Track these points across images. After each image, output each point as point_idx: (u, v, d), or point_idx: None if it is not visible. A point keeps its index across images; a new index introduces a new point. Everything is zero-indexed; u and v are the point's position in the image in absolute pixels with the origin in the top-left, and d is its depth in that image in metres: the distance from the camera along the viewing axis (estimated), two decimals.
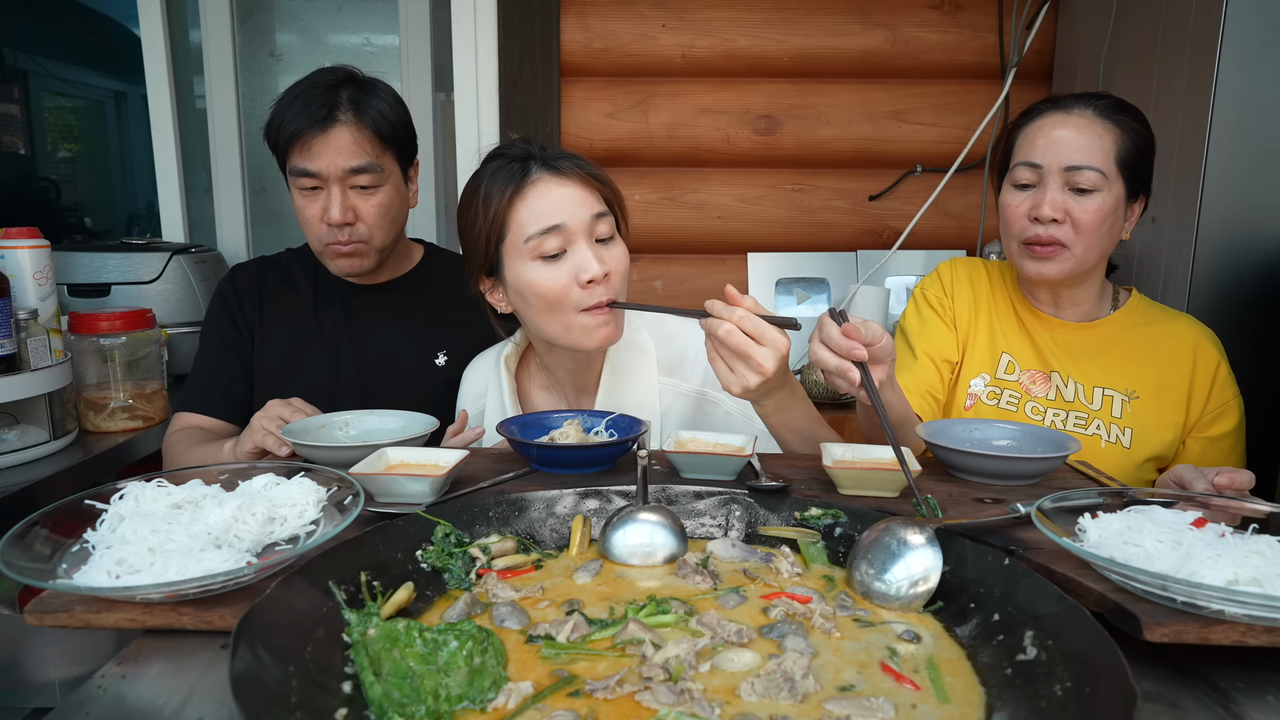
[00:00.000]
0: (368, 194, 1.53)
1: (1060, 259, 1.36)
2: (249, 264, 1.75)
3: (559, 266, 1.22)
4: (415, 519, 0.83)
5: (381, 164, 1.53)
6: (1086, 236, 1.34)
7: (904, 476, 1.01)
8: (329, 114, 1.47)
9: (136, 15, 2.54)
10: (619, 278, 1.26)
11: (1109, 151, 1.32)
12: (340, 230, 1.52)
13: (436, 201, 2.88)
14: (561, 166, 1.24)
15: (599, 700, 0.61)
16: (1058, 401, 1.43)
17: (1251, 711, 0.62)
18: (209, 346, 1.67)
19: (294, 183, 1.52)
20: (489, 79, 2.40)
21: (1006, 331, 1.49)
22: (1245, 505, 0.83)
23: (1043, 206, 1.34)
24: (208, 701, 0.62)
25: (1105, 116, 1.34)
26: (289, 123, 1.48)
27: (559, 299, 1.23)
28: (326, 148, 1.48)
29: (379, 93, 1.55)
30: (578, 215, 1.22)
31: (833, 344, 1.05)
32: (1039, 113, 1.39)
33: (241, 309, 1.65)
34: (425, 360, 1.65)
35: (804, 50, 2.43)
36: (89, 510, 0.81)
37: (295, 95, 1.49)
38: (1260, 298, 1.70)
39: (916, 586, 0.76)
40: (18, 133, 4.04)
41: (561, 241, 1.22)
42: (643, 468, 0.92)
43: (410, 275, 1.72)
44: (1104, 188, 1.32)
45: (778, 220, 2.52)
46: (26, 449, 1.60)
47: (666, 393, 1.38)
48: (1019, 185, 1.38)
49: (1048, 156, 1.34)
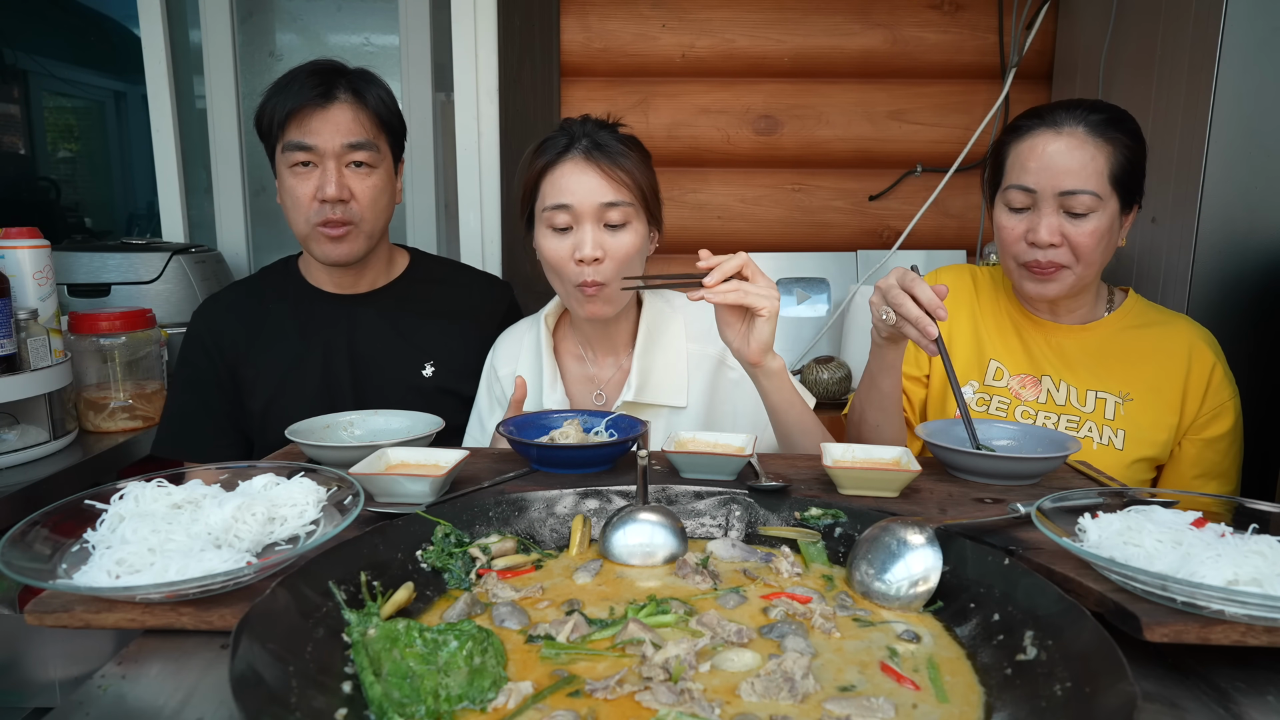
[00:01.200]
0: (363, 173, 1.51)
1: (1061, 279, 1.36)
2: (220, 296, 1.70)
3: (564, 240, 1.36)
4: (415, 519, 0.83)
5: (378, 145, 1.52)
6: (1085, 257, 1.34)
7: (904, 477, 1.02)
8: (328, 91, 1.47)
9: (136, 15, 2.54)
10: (615, 263, 1.35)
11: (1102, 172, 1.31)
12: (334, 208, 1.49)
13: (436, 201, 2.88)
14: (593, 155, 1.34)
15: (599, 700, 0.61)
16: (1049, 405, 1.43)
17: (1251, 711, 0.62)
18: (185, 387, 1.61)
19: (286, 159, 1.49)
20: (489, 79, 2.40)
21: (994, 338, 1.49)
22: (1245, 505, 0.83)
23: (1039, 231, 1.33)
24: (208, 701, 0.62)
25: (1097, 134, 1.31)
26: (285, 101, 1.46)
27: (558, 267, 1.37)
28: (325, 123, 1.46)
29: (375, 81, 1.55)
30: (588, 200, 1.33)
31: (921, 297, 1.13)
32: (1028, 130, 1.36)
33: (220, 346, 1.59)
34: (413, 371, 1.62)
35: (804, 50, 2.43)
36: (89, 510, 0.81)
37: (290, 79, 1.48)
38: (1260, 298, 1.70)
39: (916, 586, 0.76)
40: (18, 133, 4.04)
41: (570, 219, 1.35)
42: (643, 468, 0.92)
43: (395, 284, 1.68)
44: (1099, 209, 1.31)
45: (778, 220, 2.52)
46: (26, 449, 1.60)
47: (694, 356, 1.47)
48: (1014, 208, 1.37)
49: (1041, 180, 1.32)
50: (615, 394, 1.48)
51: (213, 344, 1.59)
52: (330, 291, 1.64)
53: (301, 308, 1.63)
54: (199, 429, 1.59)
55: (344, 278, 1.63)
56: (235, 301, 1.65)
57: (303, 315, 1.62)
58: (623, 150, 1.36)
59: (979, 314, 1.51)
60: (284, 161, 1.50)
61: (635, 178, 1.36)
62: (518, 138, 2.40)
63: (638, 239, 1.38)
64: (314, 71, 1.49)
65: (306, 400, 1.54)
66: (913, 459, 1.07)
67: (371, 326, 1.63)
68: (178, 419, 1.61)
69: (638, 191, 1.36)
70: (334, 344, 1.60)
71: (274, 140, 1.51)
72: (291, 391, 1.56)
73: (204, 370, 1.59)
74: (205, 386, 1.59)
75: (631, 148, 1.38)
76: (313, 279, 1.65)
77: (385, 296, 1.66)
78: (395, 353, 1.62)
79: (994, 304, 1.52)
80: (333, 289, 1.64)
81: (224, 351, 1.59)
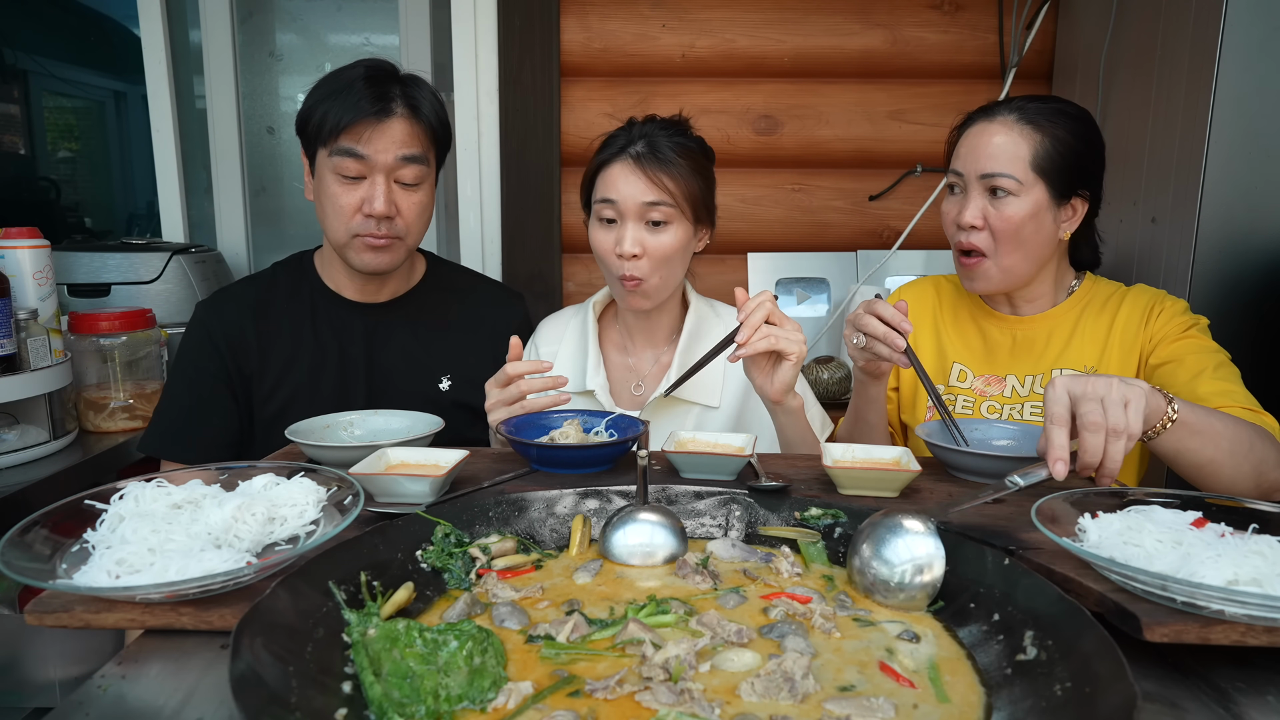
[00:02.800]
0: (410, 190, 1.48)
1: (984, 270, 1.39)
2: (230, 290, 1.62)
3: (609, 232, 1.43)
4: (415, 519, 0.83)
5: (429, 159, 1.50)
6: (1005, 242, 1.36)
7: (904, 477, 1.02)
8: (385, 105, 1.43)
9: (136, 15, 2.53)
10: (654, 260, 1.41)
11: (1024, 157, 1.33)
12: (379, 223, 1.45)
13: (436, 202, 2.88)
14: (642, 161, 1.40)
15: (599, 700, 0.61)
16: (1013, 398, 1.45)
17: (1251, 711, 0.62)
18: (182, 383, 1.54)
19: (334, 165, 1.43)
20: (489, 79, 2.40)
21: (956, 343, 1.53)
22: (1245, 505, 0.83)
23: (964, 213, 1.38)
24: (208, 701, 0.62)
25: (1026, 121, 1.34)
26: (337, 112, 1.41)
27: (603, 258, 1.45)
28: (381, 135, 1.42)
29: (426, 90, 1.51)
30: (632, 198, 1.39)
31: (885, 315, 1.22)
32: (971, 120, 1.42)
33: (227, 342, 1.52)
34: (429, 384, 1.59)
35: (804, 50, 2.43)
36: (89, 510, 0.81)
37: (343, 85, 1.43)
38: (1260, 298, 1.70)
39: (921, 575, 0.76)
40: (18, 133, 4.04)
41: (614, 213, 1.41)
42: (643, 468, 0.92)
43: (415, 292, 1.64)
44: (1020, 193, 1.34)
45: (778, 220, 2.52)
46: (26, 449, 1.60)
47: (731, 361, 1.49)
48: (952, 193, 1.43)
49: (967, 164, 1.38)
50: (653, 387, 1.52)
51: (221, 338, 1.52)
52: (350, 298, 1.59)
53: (319, 312, 1.57)
54: (192, 429, 1.51)
55: (368, 284, 1.58)
56: (247, 298, 1.57)
57: (319, 321, 1.57)
58: (673, 158, 1.40)
59: (941, 322, 1.56)
60: (329, 165, 1.44)
61: (680, 184, 1.40)
62: (518, 138, 2.40)
63: (679, 239, 1.42)
64: (370, 79, 1.44)
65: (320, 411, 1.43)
66: (913, 459, 1.07)
67: (390, 338, 1.59)
68: (170, 416, 1.53)
69: (682, 196, 1.40)
70: (351, 354, 1.56)
71: (320, 142, 1.45)
72: (304, 400, 1.51)
73: (206, 367, 1.52)
74: (205, 384, 1.52)
75: (684, 154, 1.41)
76: (332, 282, 1.59)
77: (405, 306, 1.62)
78: (413, 366, 1.59)
79: (955, 309, 1.55)
80: (354, 295, 1.59)
81: (232, 348, 1.52)
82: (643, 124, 1.45)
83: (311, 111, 1.44)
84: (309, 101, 1.46)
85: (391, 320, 1.60)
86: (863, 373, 1.34)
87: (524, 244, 2.44)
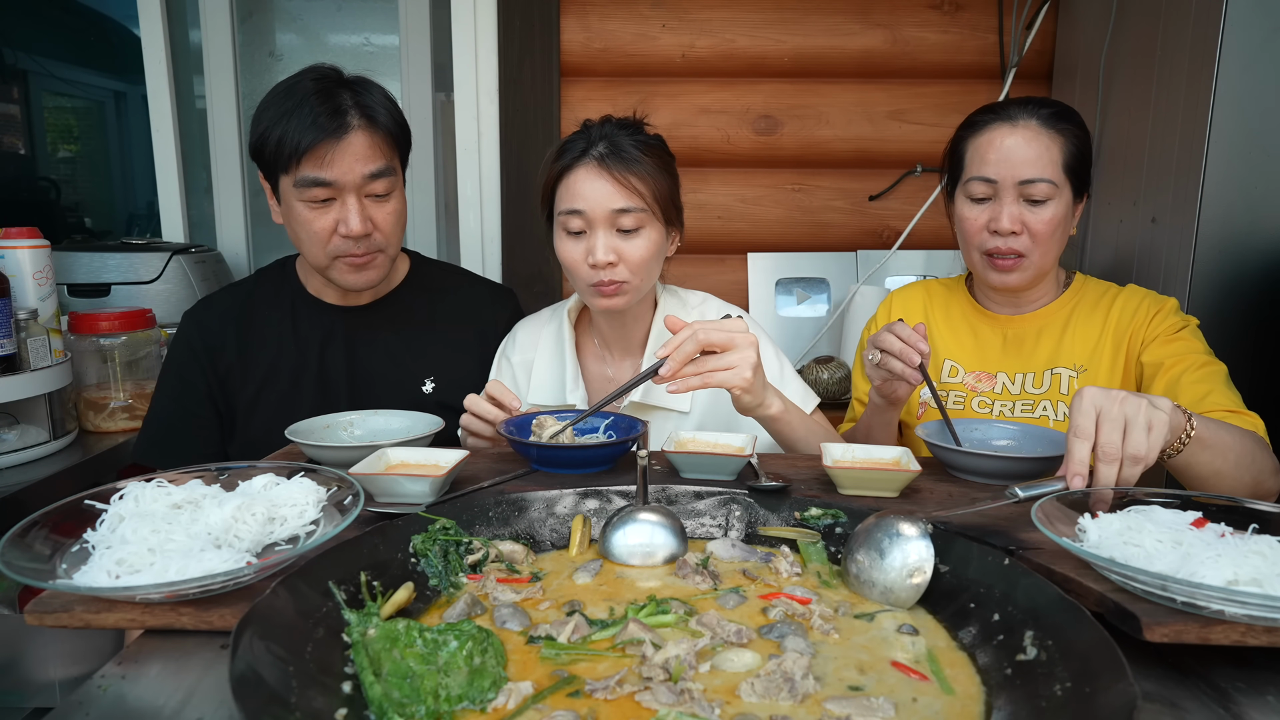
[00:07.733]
0: (382, 202, 1.45)
1: (1022, 269, 1.41)
2: (212, 300, 1.61)
3: (578, 243, 1.37)
4: (415, 519, 0.83)
5: (394, 167, 1.47)
6: (1043, 244, 1.39)
7: (904, 477, 1.02)
8: (341, 121, 1.37)
9: (136, 15, 2.53)
10: (630, 266, 1.36)
11: (1057, 161, 1.37)
12: (357, 242, 1.43)
13: (437, 202, 2.88)
14: (606, 162, 1.34)
15: (599, 700, 0.61)
16: (1004, 395, 1.47)
17: (1251, 711, 0.62)
18: (168, 393, 1.54)
19: (300, 195, 1.40)
20: (489, 79, 2.40)
21: (949, 341, 1.55)
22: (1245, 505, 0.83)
23: (1001, 220, 1.38)
24: (208, 701, 0.62)
25: (1050, 126, 1.38)
26: (294, 134, 1.36)
27: (573, 269, 1.39)
28: (343, 155, 1.37)
29: (378, 93, 1.47)
30: (600, 206, 1.34)
31: (903, 334, 1.25)
32: (985, 124, 1.42)
33: (209, 353, 1.52)
34: (412, 388, 1.58)
35: (804, 50, 2.43)
36: (89, 510, 0.81)
37: (293, 103, 1.37)
38: (1260, 298, 1.70)
39: (912, 578, 0.76)
40: (18, 133, 4.04)
41: (583, 224, 1.35)
42: (643, 468, 0.92)
43: (396, 293, 1.62)
44: (1056, 196, 1.37)
45: (778, 220, 2.52)
46: (26, 449, 1.60)
47: None
48: (975, 199, 1.43)
49: (1001, 171, 1.38)
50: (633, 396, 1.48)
51: (202, 349, 1.52)
52: (331, 302, 1.58)
53: (299, 318, 1.56)
54: (179, 438, 1.52)
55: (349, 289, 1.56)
56: (228, 306, 1.57)
57: (300, 326, 1.56)
58: (638, 156, 1.35)
59: (932, 320, 1.58)
60: (296, 195, 1.40)
61: (649, 184, 1.35)
62: (518, 138, 2.40)
63: (652, 243, 1.37)
64: (319, 92, 1.38)
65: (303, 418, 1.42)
66: (913, 459, 1.07)
67: (372, 341, 1.57)
68: (156, 427, 1.54)
69: (651, 197, 1.35)
70: (332, 359, 1.55)
71: (280, 169, 1.40)
72: (287, 407, 1.48)
73: (189, 378, 1.52)
74: (189, 394, 1.52)
75: (648, 152, 1.37)
76: (312, 287, 1.59)
77: (386, 307, 1.60)
78: (395, 369, 1.57)
79: (947, 308, 1.58)
80: (335, 299, 1.58)
81: (213, 359, 1.52)
82: (600, 125, 1.39)
83: (266, 137, 1.39)
84: (261, 124, 1.40)
85: (373, 322, 1.58)
86: (879, 395, 1.34)
87: (524, 244, 2.44)
